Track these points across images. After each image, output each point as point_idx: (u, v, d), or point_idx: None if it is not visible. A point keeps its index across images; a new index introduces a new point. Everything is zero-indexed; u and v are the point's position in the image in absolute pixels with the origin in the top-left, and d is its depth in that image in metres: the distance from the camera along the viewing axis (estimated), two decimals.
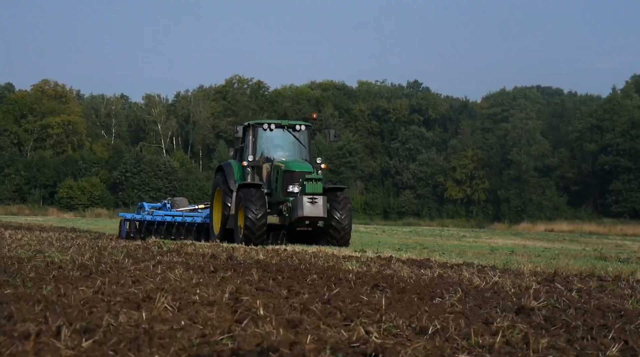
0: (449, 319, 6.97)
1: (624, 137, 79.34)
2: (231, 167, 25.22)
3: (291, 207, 23.29)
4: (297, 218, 23.02)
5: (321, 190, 23.32)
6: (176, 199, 30.54)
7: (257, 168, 24.70)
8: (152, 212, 28.90)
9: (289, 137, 25.18)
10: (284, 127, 25.03)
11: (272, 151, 25.08)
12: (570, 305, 8.34)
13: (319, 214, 23.06)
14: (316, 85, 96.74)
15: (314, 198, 23.03)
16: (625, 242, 39.59)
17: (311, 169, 23.87)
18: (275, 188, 24.12)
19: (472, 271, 12.40)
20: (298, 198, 23.13)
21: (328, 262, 13.90)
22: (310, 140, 25.66)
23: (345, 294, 8.59)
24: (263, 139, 25.01)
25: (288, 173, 23.82)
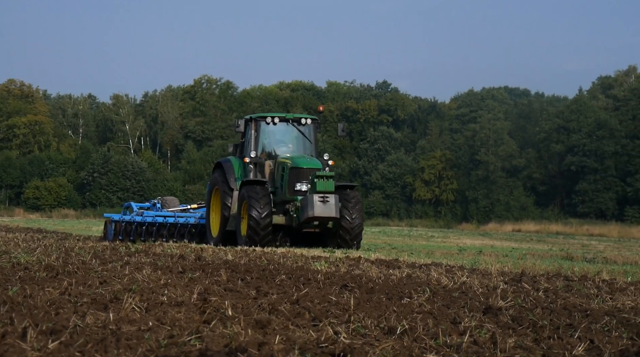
0: (417, 319, 6.99)
1: (590, 138, 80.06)
2: (231, 164, 23.56)
3: (300, 206, 21.67)
4: (306, 218, 21.41)
5: (333, 188, 21.71)
6: (167, 199, 28.79)
7: (259, 165, 23.12)
8: (142, 212, 27.16)
9: (293, 132, 23.53)
10: (288, 120, 23.41)
11: (275, 147, 23.46)
12: (537, 305, 8.40)
13: (331, 214, 21.43)
14: (285, 86, 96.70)
15: (326, 197, 21.42)
16: (592, 242, 39.94)
17: (320, 165, 22.41)
18: (280, 186, 22.49)
19: (441, 271, 12.45)
20: (308, 197, 21.46)
21: (297, 262, 13.89)
22: (317, 135, 23.93)
23: (314, 294, 8.59)
24: (266, 134, 23.38)
25: (295, 170, 22.18)
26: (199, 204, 27.59)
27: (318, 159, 22.90)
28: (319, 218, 21.50)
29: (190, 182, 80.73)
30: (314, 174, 21.70)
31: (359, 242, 22.22)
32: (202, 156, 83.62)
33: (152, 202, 28.58)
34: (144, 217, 26.52)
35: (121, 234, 26.47)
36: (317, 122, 23.78)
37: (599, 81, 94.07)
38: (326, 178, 21.61)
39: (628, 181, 78.85)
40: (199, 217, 25.74)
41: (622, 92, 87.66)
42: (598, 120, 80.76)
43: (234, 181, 23.03)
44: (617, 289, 10.43)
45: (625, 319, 7.50)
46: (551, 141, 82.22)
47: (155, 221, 26.26)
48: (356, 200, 22.21)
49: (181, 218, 26.10)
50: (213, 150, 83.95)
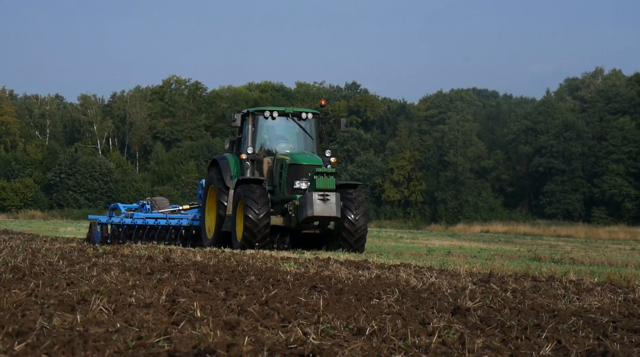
0: (386, 320, 7.00)
1: (558, 140, 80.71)
2: (227, 161, 22.26)
3: (299, 205, 20.42)
4: (305, 218, 20.15)
5: (334, 186, 20.43)
6: (156, 199, 27.27)
7: (256, 162, 21.88)
8: (132, 214, 25.60)
9: (293, 127, 22.30)
10: (288, 115, 22.15)
11: (274, 143, 22.20)
12: (505, 305, 8.45)
13: (332, 214, 20.08)
14: (254, 87, 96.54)
15: (326, 195, 20.10)
16: (559, 243, 40.25)
17: (321, 162, 21.12)
18: (278, 185, 21.30)
19: (410, 272, 12.48)
20: (307, 195, 20.24)
21: (266, 263, 13.87)
22: (318, 130, 22.59)
23: (283, 295, 8.58)
24: (264, 129, 22.11)
25: (294, 167, 20.95)
26: (192, 205, 26.49)
27: (319, 155, 21.74)
28: (319, 218, 20.28)
29: (159, 183, 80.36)
30: (313, 171, 20.54)
31: (362, 245, 20.93)
32: (171, 157, 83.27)
33: (141, 203, 27.30)
34: (133, 219, 25.12)
35: (109, 237, 25.20)
36: (319, 116, 22.63)
37: (566, 83, 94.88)
38: (326, 175, 20.46)
39: (595, 182, 79.57)
40: (192, 219, 24.64)
41: (589, 93, 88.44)
42: (565, 122, 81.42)
43: (230, 179, 21.87)
44: (584, 289, 10.52)
45: (592, 320, 7.57)
46: (519, 143, 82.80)
47: (146, 223, 24.95)
48: (360, 200, 21.01)
49: (173, 220, 24.84)
50: (182, 151, 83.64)
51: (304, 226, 20.83)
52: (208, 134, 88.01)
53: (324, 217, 20.16)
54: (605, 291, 10.34)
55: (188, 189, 75.04)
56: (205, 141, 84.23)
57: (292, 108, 22.49)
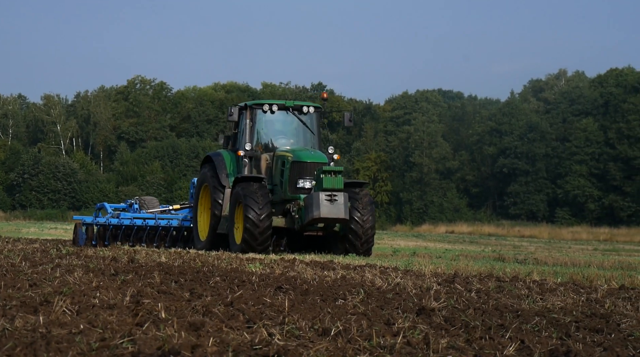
0: (351, 321, 7.01)
1: (522, 141, 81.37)
2: (222, 158, 20.98)
3: (304, 206, 19.10)
4: (311, 220, 18.91)
5: (342, 185, 19.18)
6: (145, 199, 25.85)
7: (254, 159, 20.63)
8: (119, 214, 24.34)
9: (293, 122, 21.03)
10: (288, 108, 20.87)
11: (273, 138, 20.93)
12: (470, 305, 8.49)
13: (340, 215, 18.87)
14: (220, 87, 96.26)
15: (333, 195, 18.84)
16: (523, 243, 40.56)
17: (326, 159, 19.94)
18: (279, 183, 20.01)
19: (375, 272, 12.51)
20: (313, 195, 18.96)
21: (231, 264, 13.84)
22: (320, 125, 21.34)
23: (249, 296, 8.56)
24: (262, 124, 20.84)
25: (297, 164, 19.70)
26: (182, 205, 25.19)
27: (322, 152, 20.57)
28: (326, 220, 19.05)
29: (123, 183, 79.86)
30: (320, 169, 19.28)
31: (369, 249, 19.79)
32: (136, 157, 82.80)
33: (129, 202, 25.94)
34: (120, 220, 23.87)
35: (94, 239, 24.01)
36: (321, 110, 21.35)
37: (530, 84, 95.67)
38: (334, 173, 19.17)
39: (558, 183, 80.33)
40: (183, 219, 23.45)
41: (552, 95, 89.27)
42: (529, 123, 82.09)
43: (225, 177, 20.67)
44: (547, 289, 10.60)
45: (555, 319, 7.63)
46: (484, 143, 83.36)
47: (134, 223, 23.69)
48: (367, 200, 19.77)
49: (162, 220, 23.53)
50: (147, 151, 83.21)
51: (308, 228, 19.62)
52: (173, 134, 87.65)
53: (332, 218, 18.97)
54: (568, 291, 10.43)
55: (153, 189, 74.64)
56: (170, 142, 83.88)
57: (292, 101, 21.16)
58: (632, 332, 7.11)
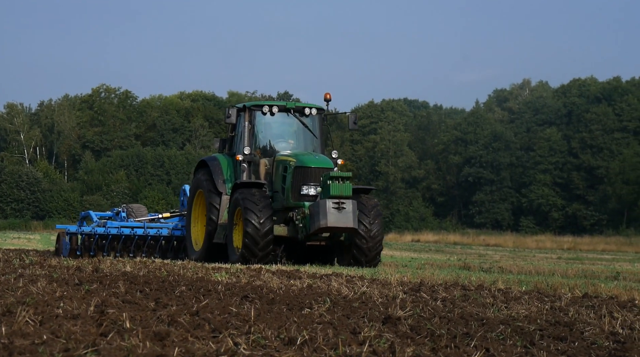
0: (317, 330, 7.01)
1: (487, 150, 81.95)
2: (218, 162, 19.86)
3: (309, 214, 18.06)
4: (318, 229, 17.87)
5: (351, 192, 18.12)
6: (132, 206, 24.60)
7: (252, 164, 19.61)
8: (105, 223, 23.08)
9: (294, 124, 20.01)
10: (289, 110, 19.83)
11: (273, 142, 19.90)
12: (435, 314, 8.52)
13: (348, 225, 17.86)
14: (186, 96, 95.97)
15: (341, 203, 17.80)
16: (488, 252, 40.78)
17: (332, 164, 18.92)
18: (281, 190, 18.96)
19: (341, 281, 12.52)
20: (319, 203, 17.89)
21: (197, 273, 13.78)
22: (323, 128, 20.30)
23: (214, 305, 8.52)
24: (261, 126, 19.77)
25: (301, 170, 18.67)
26: (173, 213, 23.85)
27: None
28: (333, 229, 18.00)
29: (88, 192, 79.26)
30: (326, 175, 18.26)
31: (377, 261, 18.68)
32: (101, 166, 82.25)
33: (115, 210, 24.70)
34: (107, 229, 22.57)
35: (79, 249, 22.66)
36: (323, 112, 20.30)
37: (495, 94, 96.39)
38: (342, 179, 18.11)
39: (522, 192, 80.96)
40: (173, 228, 22.36)
41: (517, 105, 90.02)
42: (494, 133, 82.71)
43: (222, 183, 19.57)
44: (512, 298, 10.66)
45: (520, 328, 7.67)
46: (449, 153, 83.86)
47: (121, 232, 22.40)
48: (375, 209, 18.67)
49: (152, 229, 22.32)
50: (112, 160, 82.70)
51: (312, 237, 18.54)
52: (138, 143, 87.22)
53: (339, 228, 17.94)
54: (533, 299, 10.50)
55: (118, 199, 74.17)
56: (135, 150, 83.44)
57: (294, 102, 20.16)
58: (595, 340, 7.18)
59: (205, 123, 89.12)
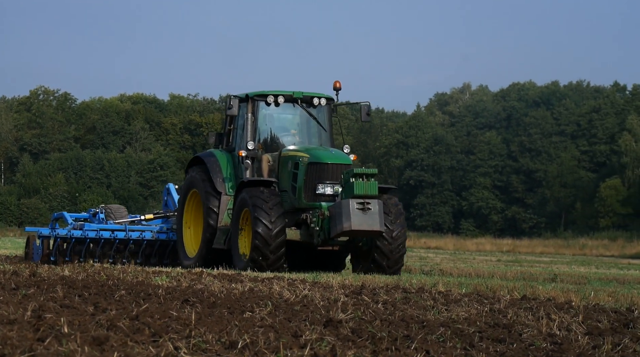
0: (258, 333, 6.99)
1: (428, 153, 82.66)
2: (216, 159, 18.12)
3: (329, 216, 16.36)
4: (340, 232, 16.19)
5: (377, 191, 16.45)
6: (112, 207, 22.38)
7: (255, 160, 17.90)
8: (82, 225, 20.99)
9: (302, 116, 18.37)
10: (296, 101, 18.15)
11: (278, 135, 18.31)
12: (376, 317, 8.55)
13: (374, 227, 16.17)
14: (126, 98, 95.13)
15: (367, 203, 16.11)
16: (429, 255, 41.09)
17: (350, 160, 17.26)
18: (290, 189, 17.22)
19: (283, 284, 12.50)
20: (342, 203, 16.18)
21: (137, 277, 13.65)
22: (332, 120, 18.66)
23: (155, 309, 8.45)
24: (264, 118, 18.16)
25: (316, 167, 16.94)
26: (156, 214, 21.85)
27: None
28: (357, 232, 16.31)
29: (25, 196, 78.01)
30: (349, 172, 16.56)
31: (399, 268, 17.10)
32: (39, 169, 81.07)
33: (92, 211, 22.34)
34: (84, 232, 20.56)
35: (53, 254, 20.72)
36: (333, 102, 18.61)
37: (436, 98, 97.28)
38: (367, 177, 16.41)
39: (463, 195, 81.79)
40: (158, 232, 20.52)
41: (457, 108, 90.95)
42: (435, 136, 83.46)
43: (221, 181, 17.86)
44: (452, 300, 10.75)
45: (459, 330, 7.74)
46: (391, 156, 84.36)
47: (100, 236, 20.44)
48: (397, 209, 17.06)
49: (134, 232, 20.46)
50: (50, 163, 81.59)
51: (331, 242, 16.86)
52: (78, 146, 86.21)
53: (364, 231, 16.24)
54: (472, 301, 10.60)
55: (56, 202, 73.18)
56: (74, 153, 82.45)
57: (301, 92, 18.32)
58: (533, 341, 7.27)
59: (146, 126, 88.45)
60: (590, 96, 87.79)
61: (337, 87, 18.60)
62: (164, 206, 22.06)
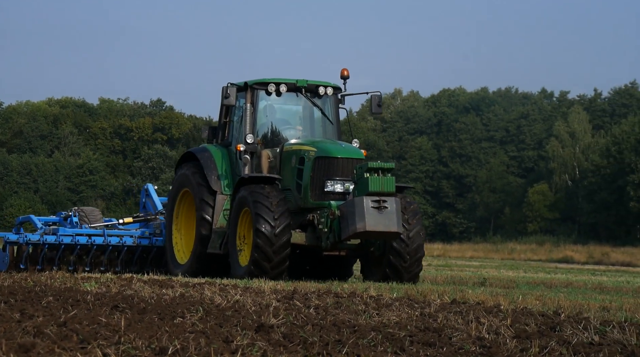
0: (189, 339, 6.94)
1: None
2: (210, 154, 16.65)
3: (340, 216, 14.85)
4: (353, 234, 14.69)
5: (394, 187, 14.95)
6: (85, 210, 20.50)
7: (254, 156, 16.45)
8: (55, 230, 19.15)
9: (306, 107, 16.98)
10: (300, 90, 16.67)
11: (279, 128, 16.83)
12: (308, 321, 8.56)
13: (392, 228, 14.68)
14: (54, 102, 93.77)
15: (383, 201, 14.63)
16: None
17: (362, 155, 15.89)
18: (294, 187, 15.80)
19: (214, 289, 12.44)
20: (355, 201, 14.66)
21: (65, 283, 13.45)
22: (339, 111, 17.29)
23: (83, 315, 8.33)
24: (264, 109, 16.71)
25: (325, 161, 15.56)
26: (136, 218, 20.22)
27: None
28: (372, 234, 14.81)
29: None
30: (363, 166, 14.98)
31: (417, 272, 15.71)
32: None
33: (63, 214, 20.31)
34: (58, 237, 18.66)
35: (23, 262, 18.68)
36: (340, 92, 17.19)
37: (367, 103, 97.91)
38: (383, 172, 14.86)
39: None
40: (141, 236, 18.98)
41: (389, 114, 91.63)
42: (367, 141, 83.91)
43: (216, 179, 16.43)
44: (383, 304, 10.81)
45: (390, 334, 7.79)
46: None
47: (76, 242, 18.60)
48: (414, 209, 15.70)
49: (113, 237, 18.81)
50: None
51: (341, 246, 15.39)
52: (4, 150, 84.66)
53: (380, 232, 14.75)
54: (403, 306, 10.67)
55: None
56: (0, 158, 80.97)
57: (305, 80, 16.74)
58: (463, 345, 7.36)
59: (75, 130, 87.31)
60: (518, 102, 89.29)
61: (344, 75, 17.15)
62: (142, 208, 20.53)
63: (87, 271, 18.04)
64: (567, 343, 7.52)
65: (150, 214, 19.96)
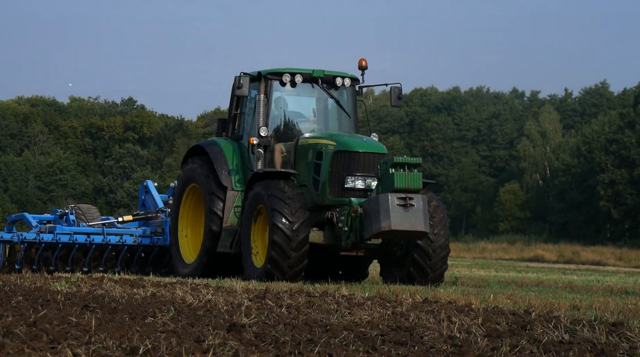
0: (160, 339, 6.92)
1: None
2: (220, 148, 15.75)
3: (362, 214, 14.04)
4: (377, 233, 13.89)
5: (421, 184, 14.06)
6: (82, 207, 19.65)
7: (268, 150, 15.60)
8: (52, 228, 18.34)
9: (320, 98, 16.20)
10: (316, 81, 15.86)
11: (294, 121, 16.08)
12: (280, 321, 8.56)
13: (418, 227, 13.81)
14: (24, 101, 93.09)
15: (409, 198, 13.77)
16: None
17: (385, 149, 15.13)
18: (311, 183, 15.02)
19: (186, 289, 12.40)
20: (380, 198, 13.81)
21: (35, 283, 13.35)
22: (356, 104, 16.47)
23: (53, 315, 8.28)
24: (278, 101, 15.96)
25: (345, 156, 14.75)
26: (136, 216, 19.49)
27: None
28: (398, 233, 13.99)
29: None
30: (388, 161, 14.13)
31: (442, 272, 14.93)
32: None
33: (59, 212, 19.58)
34: (56, 235, 17.87)
35: (18, 262, 17.94)
36: (358, 83, 16.38)
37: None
38: (409, 167, 14.02)
39: None
40: (142, 235, 18.26)
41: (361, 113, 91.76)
42: None
43: (227, 174, 15.54)
44: (356, 304, 10.83)
45: (362, 333, 7.80)
46: None
47: (75, 240, 17.83)
48: (439, 207, 14.89)
49: (113, 236, 18.07)
50: None
51: (363, 245, 14.70)
52: None
53: (406, 231, 13.91)
54: (375, 305, 10.69)
55: None
56: None
57: (322, 70, 15.93)
58: (434, 344, 7.38)
59: (45, 129, 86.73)
60: (490, 102, 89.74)
61: (362, 65, 16.31)
62: (141, 206, 19.81)
63: (85, 271, 17.28)
64: (538, 342, 7.57)
65: (150, 212, 19.29)
